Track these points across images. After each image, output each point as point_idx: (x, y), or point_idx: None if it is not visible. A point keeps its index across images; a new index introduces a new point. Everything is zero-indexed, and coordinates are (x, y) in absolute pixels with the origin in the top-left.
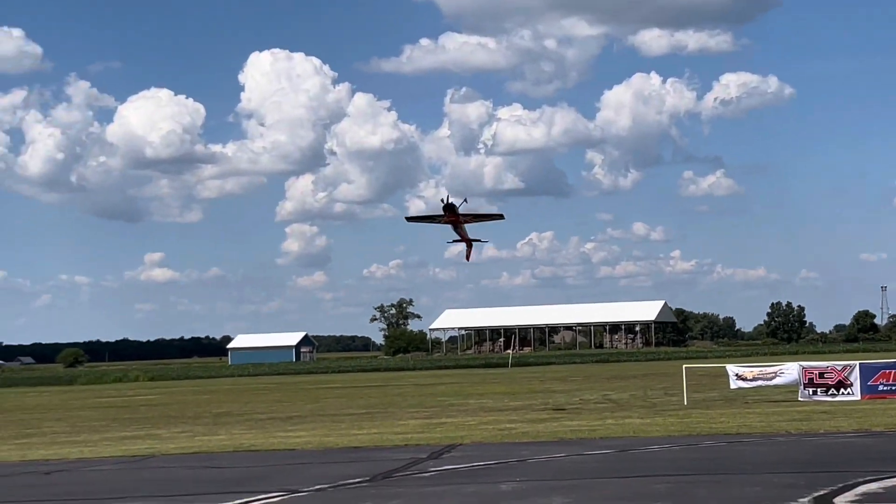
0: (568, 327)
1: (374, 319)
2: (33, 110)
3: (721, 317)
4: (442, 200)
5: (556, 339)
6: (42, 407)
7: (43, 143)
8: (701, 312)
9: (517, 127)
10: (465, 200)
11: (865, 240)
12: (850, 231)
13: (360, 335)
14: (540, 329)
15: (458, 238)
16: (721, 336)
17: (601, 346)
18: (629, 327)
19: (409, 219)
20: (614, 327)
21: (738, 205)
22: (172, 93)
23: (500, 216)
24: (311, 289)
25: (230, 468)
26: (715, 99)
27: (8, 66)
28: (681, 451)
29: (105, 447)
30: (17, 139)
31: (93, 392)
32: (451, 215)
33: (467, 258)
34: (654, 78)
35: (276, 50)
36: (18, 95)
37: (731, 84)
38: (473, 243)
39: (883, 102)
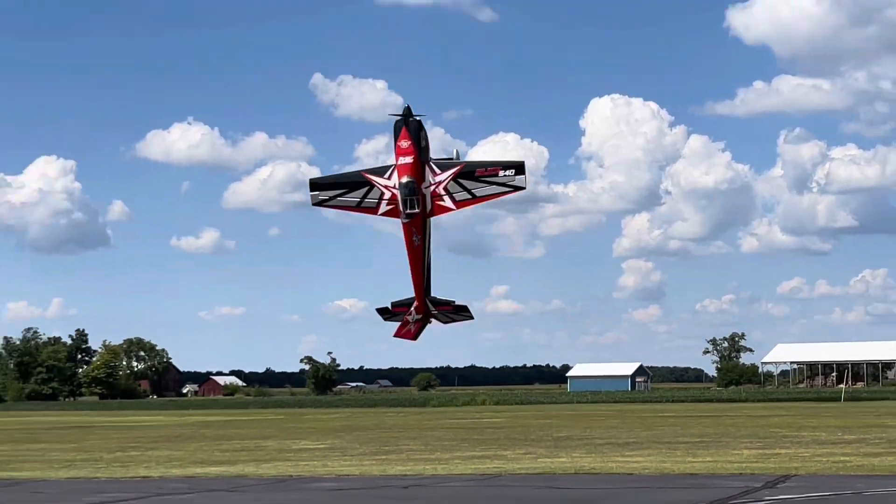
0: None
1: (706, 352)
2: (394, 155)
3: None
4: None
5: (891, 374)
6: (399, 426)
7: None
8: None
9: (851, 166)
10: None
11: None
12: None
13: (692, 367)
14: (873, 364)
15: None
16: None
17: None
18: None
19: (316, 197)
20: None
21: None
22: (519, 137)
23: (519, 168)
24: (646, 322)
25: (572, 489)
26: None
27: (373, 116)
28: None
29: (456, 465)
30: None
31: (444, 414)
32: (407, 151)
33: (414, 335)
34: None
35: (616, 95)
36: (381, 142)
37: None
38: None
39: None
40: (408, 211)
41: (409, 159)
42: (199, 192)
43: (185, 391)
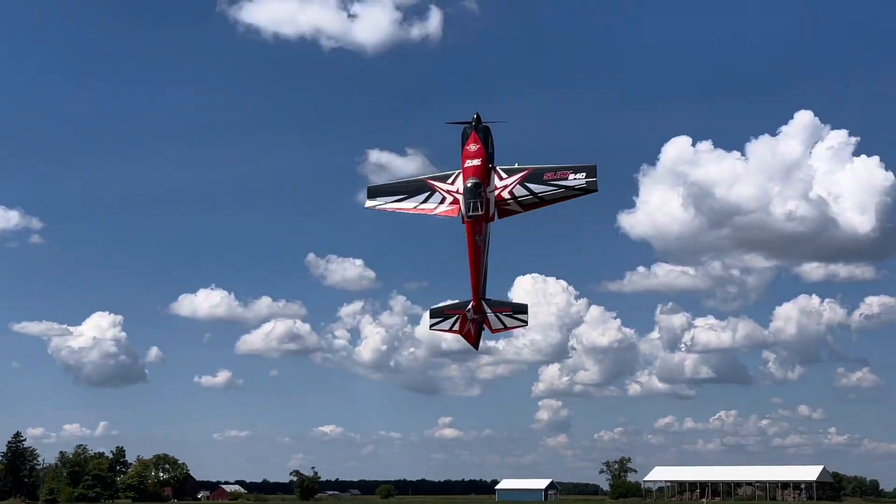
0: (748, 483)
1: (602, 472)
2: (367, 315)
3: (868, 479)
4: (472, 121)
5: (740, 492)
6: None
7: (373, 339)
8: (852, 475)
9: (710, 332)
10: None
11: None
12: None
13: (591, 483)
14: (727, 483)
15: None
16: (869, 495)
17: (774, 499)
18: (796, 485)
19: (370, 202)
20: (784, 484)
21: (881, 394)
22: None
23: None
24: (556, 447)
25: None
26: (861, 315)
27: (352, 285)
28: None
29: None
30: (356, 336)
31: None
32: (476, 154)
33: (474, 340)
34: (815, 298)
35: (536, 275)
36: (358, 305)
37: (873, 304)
38: (497, 321)
39: None
40: (470, 213)
41: (477, 161)
42: (217, 341)
43: (199, 496)
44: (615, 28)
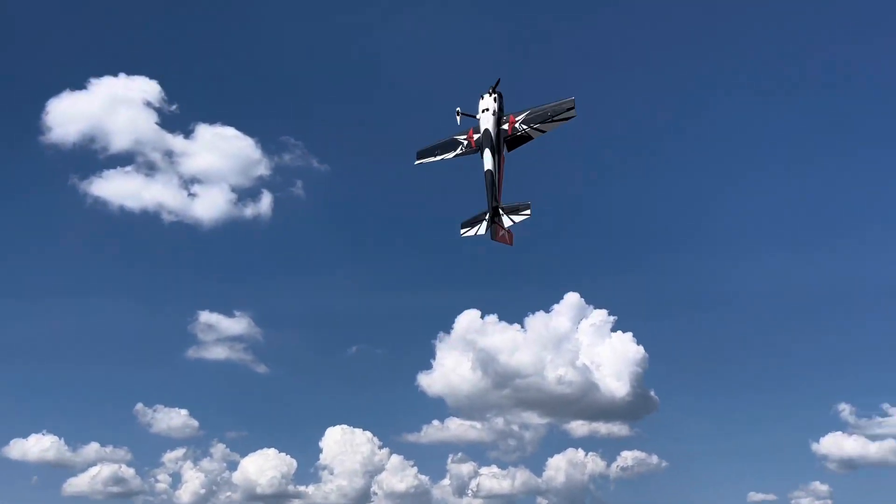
0: None
1: None
2: (189, 461)
3: None
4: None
5: None
6: None
7: (192, 483)
8: None
9: (493, 480)
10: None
11: None
12: None
13: None
14: None
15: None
16: None
17: None
18: None
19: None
20: None
21: None
22: (277, 451)
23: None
24: None
25: None
26: (618, 466)
27: (176, 433)
28: None
29: None
30: (177, 480)
31: None
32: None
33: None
34: (580, 452)
35: (345, 426)
36: (180, 452)
37: (628, 457)
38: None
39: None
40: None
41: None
42: (45, 482)
43: None
44: (418, 209)
